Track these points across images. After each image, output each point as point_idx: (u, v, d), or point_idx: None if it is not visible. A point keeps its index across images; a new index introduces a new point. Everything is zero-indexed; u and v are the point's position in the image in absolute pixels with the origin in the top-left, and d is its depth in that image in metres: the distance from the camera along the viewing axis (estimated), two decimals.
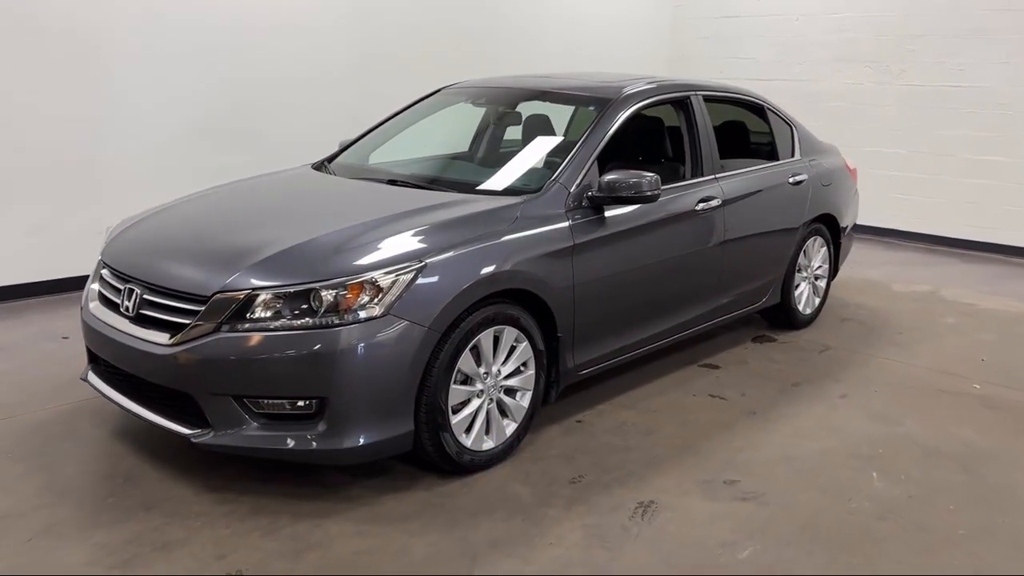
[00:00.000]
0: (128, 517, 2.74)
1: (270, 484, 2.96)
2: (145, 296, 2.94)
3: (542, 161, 3.77)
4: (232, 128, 5.74)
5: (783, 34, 8.24)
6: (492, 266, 3.01)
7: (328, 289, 2.72)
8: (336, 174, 3.97)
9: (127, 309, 2.98)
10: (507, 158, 3.85)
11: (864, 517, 2.91)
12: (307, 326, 2.69)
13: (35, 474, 3.01)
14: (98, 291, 3.24)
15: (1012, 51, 6.95)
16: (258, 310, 2.72)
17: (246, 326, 2.71)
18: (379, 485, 2.99)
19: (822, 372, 4.30)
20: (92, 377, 3.23)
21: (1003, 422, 3.76)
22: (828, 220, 5.01)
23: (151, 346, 2.82)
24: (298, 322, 2.70)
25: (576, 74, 4.73)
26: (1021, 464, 3.36)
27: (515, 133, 4.36)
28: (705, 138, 4.15)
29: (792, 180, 4.67)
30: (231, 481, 2.98)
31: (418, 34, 6.70)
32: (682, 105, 4.15)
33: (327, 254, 2.85)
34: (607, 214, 3.47)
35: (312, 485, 2.98)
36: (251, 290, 2.73)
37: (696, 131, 4.13)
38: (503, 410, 3.18)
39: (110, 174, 5.25)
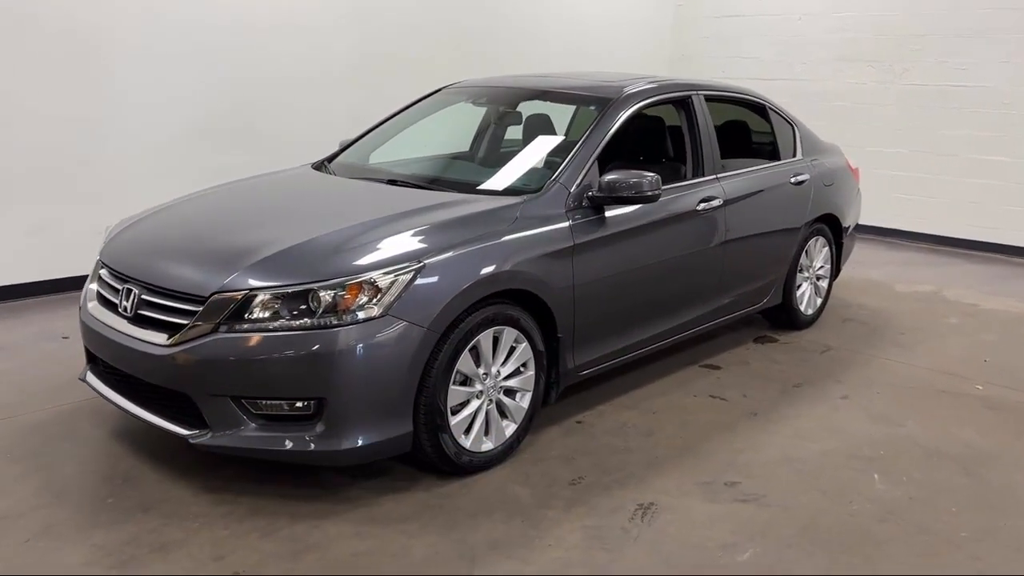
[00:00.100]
0: (126, 518, 2.74)
1: (268, 485, 2.95)
2: (143, 296, 2.93)
3: (542, 161, 3.76)
4: (232, 128, 5.74)
5: (785, 34, 8.22)
6: (492, 266, 2.99)
7: (327, 289, 2.71)
8: (336, 174, 3.96)
9: (125, 309, 2.97)
10: (507, 158, 3.84)
11: (865, 519, 2.90)
12: (305, 326, 2.68)
13: (34, 474, 3.00)
14: (96, 291, 3.23)
15: (1014, 50, 6.93)
16: (256, 310, 2.71)
17: (244, 326, 2.70)
18: (378, 486, 2.98)
19: (824, 373, 4.29)
20: (91, 377, 3.22)
21: (1005, 423, 3.74)
22: (830, 220, 5.00)
23: (149, 346, 2.81)
24: (296, 323, 2.69)
25: (577, 74, 4.71)
26: (1023, 466, 3.34)
27: (515, 133, 4.35)
28: (706, 138, 4.14)
29: (794, 180, 4.66)
30: (229, 482, 2.97)
31: (418, 34, 6.70)
32: (683, 105, 4.14)
33: (326, 254, 2.84)
34: (608, 214, 3.46)
35: (310, 486, 2.97)
36: (249, 290, 2.73)
37: (697, 131, 4.11)
38: (502, 411, 3.17)
39: (110, 174, 5.25)
